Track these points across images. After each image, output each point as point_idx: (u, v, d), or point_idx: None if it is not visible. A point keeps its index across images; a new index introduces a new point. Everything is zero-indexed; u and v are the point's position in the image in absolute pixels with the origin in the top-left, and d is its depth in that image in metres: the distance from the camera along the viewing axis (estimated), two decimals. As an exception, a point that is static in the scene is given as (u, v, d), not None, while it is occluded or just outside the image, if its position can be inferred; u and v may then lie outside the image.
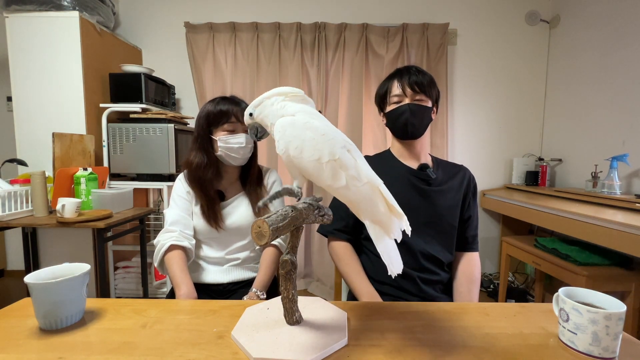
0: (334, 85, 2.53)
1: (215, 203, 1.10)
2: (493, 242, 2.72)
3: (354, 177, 0.57)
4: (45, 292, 0.62)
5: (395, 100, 1.04)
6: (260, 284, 1.07)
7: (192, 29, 2.49)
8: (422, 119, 1.02)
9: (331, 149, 0.57)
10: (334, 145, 0.57)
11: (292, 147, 0.58)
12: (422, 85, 1.01)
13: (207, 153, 1.08)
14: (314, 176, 0.59)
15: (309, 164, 0.57)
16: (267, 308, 0.71)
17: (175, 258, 1.03)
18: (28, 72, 1.98)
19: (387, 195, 0.59)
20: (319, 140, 0.57)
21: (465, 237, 1.09)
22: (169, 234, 1.06)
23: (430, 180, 1.05)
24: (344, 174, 0.56)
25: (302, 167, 0.59)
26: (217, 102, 1.08)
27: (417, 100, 1.02)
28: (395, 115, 1.03)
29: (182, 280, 0.99)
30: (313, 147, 0.57)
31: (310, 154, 0.57)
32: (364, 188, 0.57)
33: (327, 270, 2.53)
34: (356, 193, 0.58)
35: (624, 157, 1.80)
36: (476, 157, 2.66)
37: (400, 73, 1.05)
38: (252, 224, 0.57)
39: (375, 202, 0.58)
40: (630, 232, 1.33)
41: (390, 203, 0.58)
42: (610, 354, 0.55)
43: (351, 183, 0.57)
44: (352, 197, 0.59)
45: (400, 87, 1.03)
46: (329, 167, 0.57)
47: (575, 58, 2.33)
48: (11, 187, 1.62)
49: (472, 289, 1.02)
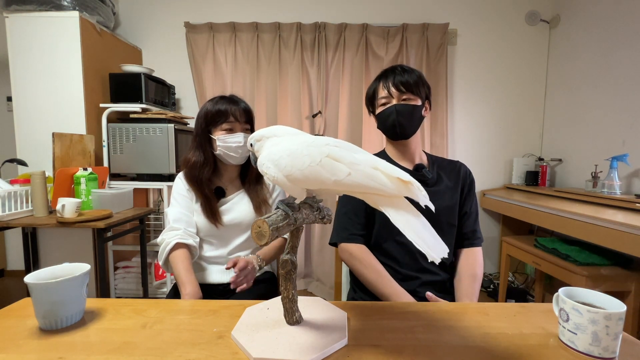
0: (334, 85, 2.53)
1: (214, 200, 1.10)
2: (493, 242, 2.72)
3: (352, 163, 0.55)
4: (45, 292, 0.62)
5: (382, 102, 1.04)
6: (263, 254, 1.10)
7: (192, 29, 2.49)
8: (411, 118, 1.01)
9: (318, 149, 0.56)
10: (318, 146, 0.57)
11: (282, 167, 0.57)
12: (407, 85, 1.00)
13: (205, 152, 1.10)
14: (317, 181, 0.57)
15: (305, 172, 0.56)
16: (267, 308, 0.71)
17: (180, 257, 1.03)
18: (28, 72, 1.98)
19: (387, 169, 0.55)
20: (303, 148, 0.57)
21: (465, 233, 1.07)
22: (174, 232, 1.07)
23: (427, 181, 1.04)
24: (342, 165, 0.55)
25: (301, 178, 0.57)
26: (216, 102, 1.09)
27: (404, 100, 1.01)
28: (384, 117, 1.03)
29: (187, 279, 0.99)
30: (301, 156, 0.56)
31: (301, 163, 0.56)
32: (367, 169, 0.55)
33: (327, 270, 2.53)
34: (363, 177, 0.54)
35: (624, 157, 1.80)
36: (476, 157, 2.66)
37: (385, 74, 1.04)
38: (252, 224, 0.57)
39: (383, 181, 0.54)
40: (630, 232, 1.33)
41: (394, 175, 0.54)
42: (610, 354, 0.55)
43: (353, 169, 0.54)
44: (362, 182, 0.54)
45: (386, 89, 1.02)
46: (325, 164, 0.55)
47: (575, 58, 2.33)
48: (11, 187, 1.62)
49: (473, 285, 1.00)
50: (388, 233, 1.02)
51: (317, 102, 2.52)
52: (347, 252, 1.04)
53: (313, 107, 2.54)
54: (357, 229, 1.05)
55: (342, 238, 1.06)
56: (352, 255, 1.03)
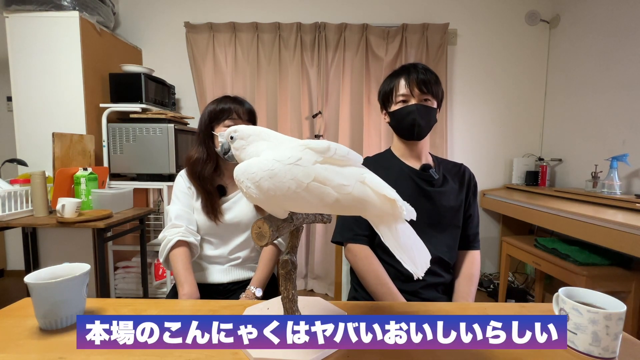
0: (334, 85, 2.53)
1: (215, 197, 1.10)
2: (493, 242, 2.73)
3: (341, 185, 0.51)
4: (45, 292, 0.62)
5: (401, 99, 1.01)
6: (258, 282, 1.07)
7: (192, 29, 2.49)
8: (429, 120, 1.01)
9: (304, 171, 0.51)
10: (305, 165, 0.51)
11: (263, 190, 0.52)
12: (429, 85, 0.98)
13: (207, 148, 1.10)
14: (303, 206, 0.53)
15: (290, 197, 0.52)
16: (267, 308, 0.71)
17: (180, 255, 1.03)
18: (28, 72, 1.98)
19: (373, 184, 0.52)
20: (286, 170, 0.51)
21: (466, 236, 1.08)
22: (176, 229, 1.07)
23: (433, 181, 1.03)
24: (329, 189, 0.51)
25: (284, 202, 0.53)
26: (220, 100, 1.10)
27: (424, 101, 1.00)
28: (402, 115, 1.01)
29: (185, 279, 0.99)
30: (285, 180, 0.50)
31: (286, 188, 0.51)
32: (355, 192, 0.51)
33: (328, 269, 2.53)
34: (351, 201, 0.51)
35: (624, 157, 1.80)
36: (476, 157, 2.66)
37: (408, 71, 1.01)
38: (252, 224, 0.57)
39: (370, 203, 0.52)
40: (630, 232, 1.33)
41: (381, 192, 0.51)
42: (610, 354, 0.55)
43: (342, 192, 0.51)
44: (350, 205, 0.52)
45: (408, 86, 0.99)
46: (312, 189, 0.51)
47: (575, 58, 2.33)
48: (11, 187, 1.62)
49: (471, 288, 1.02)
50: None
51: (317, 102, 2.52)
52: (351, 252, 1.04)
53: (313, 108, 2.54)
54: (361, 229, 1.04)
55: (347, 238, 1.05)
56: (356, 257, 1.03)
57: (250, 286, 1.06)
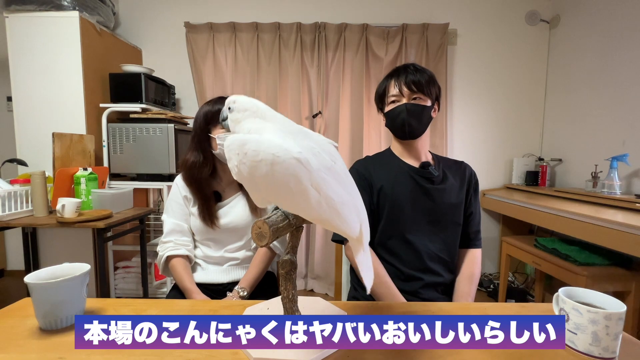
0: (334, 85, 2.53)
1: (211, 201, 1.11)
2: (493, 242, 2.72)
3: (328, 197, 0.51)
4: (45, 292, 0.62)
5: (392, 100, 1.03)
6: (246, 282, 1.09)
7: (192, 29, 2.49)
8: (421, 118, 1.01)
9: (308, 174, 0.50)
10: (310, 166, 0.51)
11: (262, 172, 0.50)
12: (419, 84, 0.99)
13: (204, 151, 1.09)
14: (289, 205, 0.54)
15: (282, 192, 0.52)
16: (267, 308, 0.71)
17: (178, 267, 1.09)
18: (28, 72, 1.98)
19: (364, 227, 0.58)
20: (291, 163, 0.50)
21: (467, 234, 1.07)
22: (165, 244, 1.12)
23: (433, 178, 1.03)
24: (321, 198, 0.51)
25: (270, 196, 0.55)
26: (216, 101, 1.09)
27: (414, 100, 1.01)
28: (393, 115, 1.03)
29: (192, 290, 1.06)
30: (285, 171, 0.50)
31: (282, 182, 0.50)
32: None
33: (328, 269, 2.53)
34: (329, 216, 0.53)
35: (624, 157, 1.80)
36: (476, 157, 2.66)
37: (398, 72, 1.03)
38: (253, 224, 0.57)
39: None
40: (630, 232, 1.32)
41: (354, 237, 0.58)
42: (610, 354, 0.55)
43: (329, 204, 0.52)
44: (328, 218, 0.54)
45: (397, 87, 1.01)
46: (304, 192, 0.51)
47: (575, 58, 2.33)
48: (11, 187, 1.62)
49: (472, 287, 1.02)
50: (393, 230, 1.02)
51: (317, 102, 2.52)
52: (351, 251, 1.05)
53: (313, 108, 2.54)
54: None
55: None
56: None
57: (237, 286, 1.08)
